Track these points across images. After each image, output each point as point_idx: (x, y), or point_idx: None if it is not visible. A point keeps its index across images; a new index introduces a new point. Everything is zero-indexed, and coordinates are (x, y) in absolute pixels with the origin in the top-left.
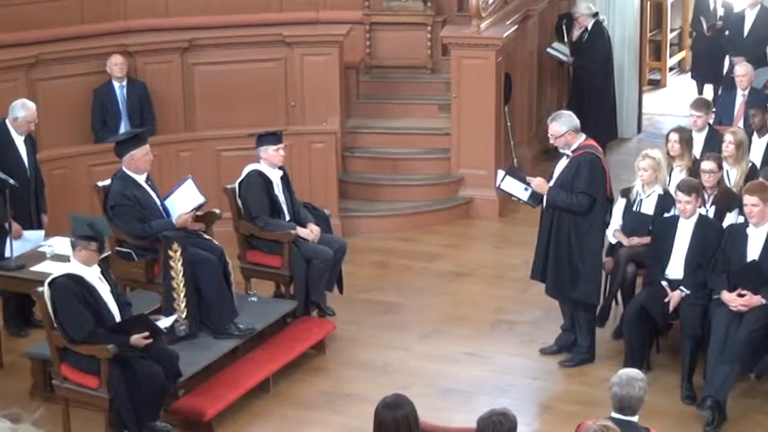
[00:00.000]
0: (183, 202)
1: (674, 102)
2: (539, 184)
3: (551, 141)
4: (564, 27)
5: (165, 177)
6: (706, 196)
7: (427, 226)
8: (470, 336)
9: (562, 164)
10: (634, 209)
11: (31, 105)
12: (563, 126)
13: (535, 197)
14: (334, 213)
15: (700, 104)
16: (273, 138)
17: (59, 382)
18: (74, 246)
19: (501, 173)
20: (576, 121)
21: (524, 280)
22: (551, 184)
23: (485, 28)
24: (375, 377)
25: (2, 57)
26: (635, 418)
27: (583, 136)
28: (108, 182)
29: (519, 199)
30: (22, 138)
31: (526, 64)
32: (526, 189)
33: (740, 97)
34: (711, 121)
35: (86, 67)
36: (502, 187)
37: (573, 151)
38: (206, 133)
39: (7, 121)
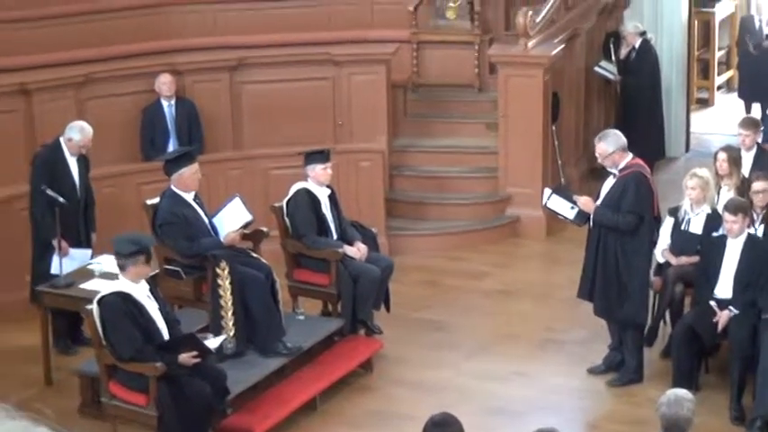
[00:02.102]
0: (231, 220)
1: (721, 120)
2: (585, 202)
3: (599, 161)
4: (611, 45)
5: (213, 196)
6: (755, 215)
7: (474, 245)
8: (518, 355)
9: (609, 183)
10: (682, 228)
11: (89, 131)
12: (610, 145)
13: (582, 216)
14: (381, 232)
15: (748, 123)
16: (321, 156)
17: (108, 399)
18: (123, 267)
19: (548, 191)
20: (624, 141)
21: (572, 299)
22: (598, 203)
23: (532, 46)
24: (422, 396)
25: (52, 75)
26: None
27: (630, 155)
28: (157, 200)
29: (565, 218)
30: (75, 158)
31: (574, 82)
32: (573, 208)
33: None
34: (760, 140)
35: (135, 85)
36: (548, 206)
37: (620, 170)
38: (254, 152)
39: (62, 139)
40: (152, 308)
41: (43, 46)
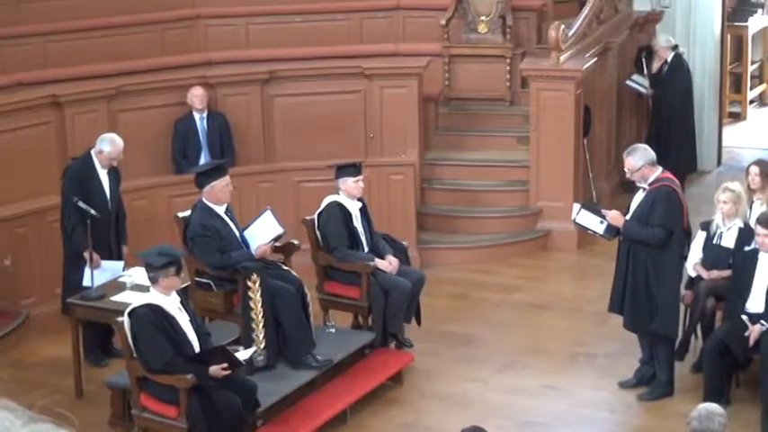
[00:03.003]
0: (262, 233)
1: (754, 134)
2: (614, 216)
3: (627, 175)
4: (643, 59)
5: (244, 208)
6: None
7: (505, 258)
8: (549, 368)
9: (639, 197)
10: (714, 242)
11: (119, 143)
12: (639, 160)
13: (611, 230)
14: (412, 245)
15: None
16: (352, 169)
17: (138, 411)
18: (154, 279)
19: (576, 206)
20: (652, 155)
21: (603, 312)
22: (628, 216)
23: (564, 60)
24: (453, 409)
25: (84, 88)
26: None
27: (659, 169)
28: (188, 213)
29: (594, 232)
30: (106, 170)
31: (605, 96)
32: (602, 222)
33: None
34: None
35: (167, 98)
36: (577, 221)
37: (650, 184)
38: (285, 164)
39: (93, 152)
40: (183, 320)
41: (75, 59)
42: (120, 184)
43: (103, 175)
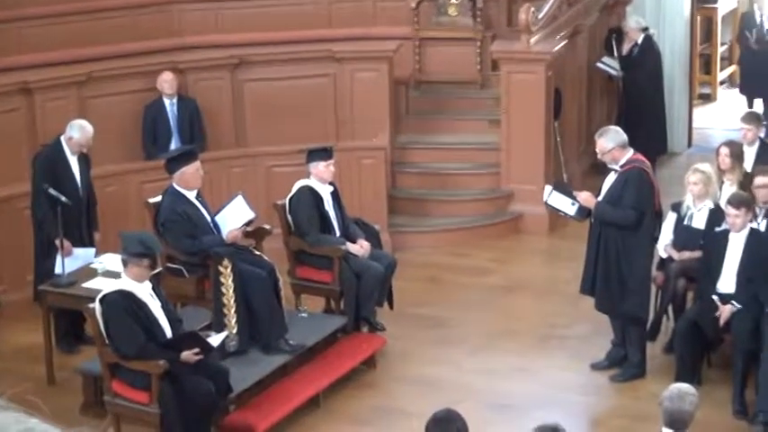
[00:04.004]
0: (234, 218)
1: (724, 115)
2: (586, 198)
3: (599, 157)
4: (614, 41)
5: (215, 193)
6: (758, 210)
7: (477, 241)
8: (521, 350)
9: (610, 179)
10: (685, 223)
11: (89, 130)
12: (609, 142)
13: (582, 212)
14: (383, 229)
15: (750, 118)
16: (323, 153)
17: (110, 397)
18: (125, 263)
19: (548, 188)
20: (624, 137)
21: (574, 294)
22: (599, 198)
23: (534, 43)
24: (425, 392)
25: (53, 74)
26: None
27: (631, 151)
28: (159, 198)
29: (566, 214)
30: (76, 156)
31: (576, 78)
32: (573, 204)
33: None
34: (762, 135)
35: (137, 84)
36: (549, 202)
37: (621, 166)
38: (256, 149)
39: (62, 138)
40: (154, 306)
41: (44, 45)
42: (91, 171)
43: (74, 162)
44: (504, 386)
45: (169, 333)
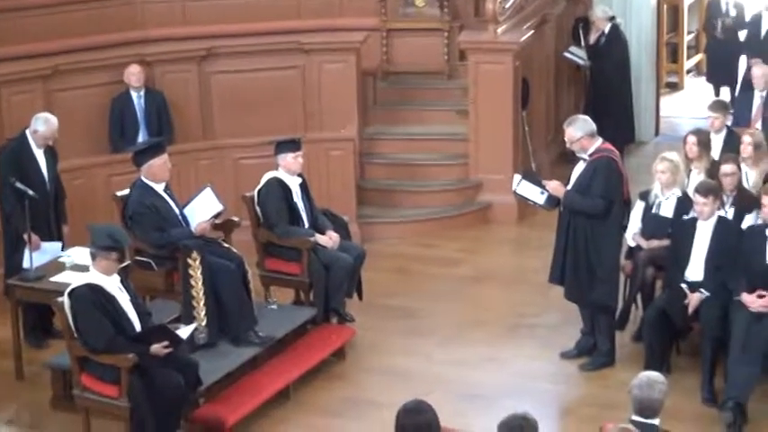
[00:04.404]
0: (202, 210)
1: (691, 104)
2: (555, 187)
3: (567, 146)
4: (581, 31)
5: (183, 186)
6: (725, 198)
7: (446, 231)
8: (490, 340)
9: (579, 168)
10: (653, 212)
11: (54, 122)
12: (578, 131)
13: (551, 201)
14: (352, 220)
15: (717, 106)
16: (292, 145)
17: (80, 392)
18: (94, 256)
19: (517, 177)
20: (592, 126)
21: (544, 284)
22: (569, 187)
23: (501, 33)
24: (395, 383)
25: (19, 68)
26: (656, 421)
27: (599, 140)
28: (127, 191)
29: (535, 203)
30: (42, 150)
31: (543, 68)
32: (542, 193)
33: (758, 98)
34: (729, 123)
35: (104, 77)
36: (518, 191)
37: (590, 155)
38: (224, 141)
39: (27, 132)
40: (123, 299)
41: (9, 38)
42: (58, 164)
43: (40, 155)
44: (473, 376)
45: (138, 326)
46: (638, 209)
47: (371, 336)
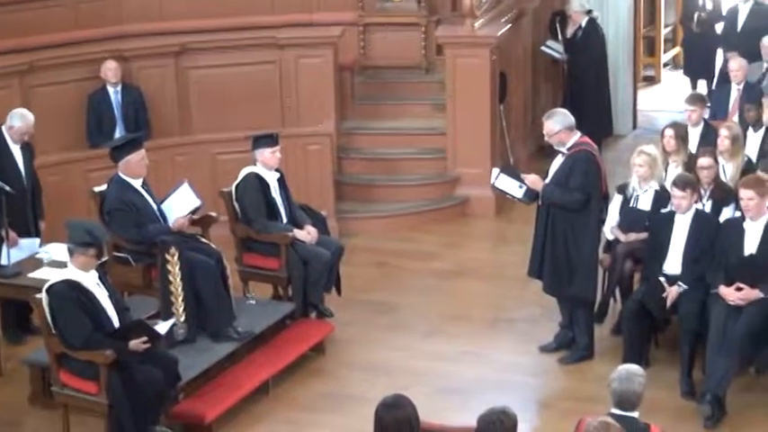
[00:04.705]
0: (180, 205)
1: (668, 97)
2: (533, 181)
3: (546, 139)
4: (558, 25)
5: (161, 182)
6: (703, 191)
7: (424, 226)
8: (469, 334)
9: (558, 161)
10: (630, 205)
11: (30, 118)
12: (557, 124)
13: (530, 194)
14: (330, 215)
15: (694, 99)
16: (269, 140)
17: (58, 388)
18: (71, 252)
19: (495, 171)
20: (571, 119)
21: (522, 278)
22: (547, 181)
23: (479, 27)
24: (375, 378)
25: None
26: (635, 414)
27: (578, 133)
28: (104, 187)
29: (513, 197)
30: (18, 145)
31: (521, 62)
32: (521, 187)
33: (735, 92)
34: (706, 116)
35: (80, 72)
36: (496, 185)
37: (568, 149)
38: (201, 137)
39: (3, 128)
40: (101, 295)
41: None
42: (34, 160)
43: (16, 151)
44: (452, 370)
45: (116, 322)
46: (615, 202)
47: (350, 330)
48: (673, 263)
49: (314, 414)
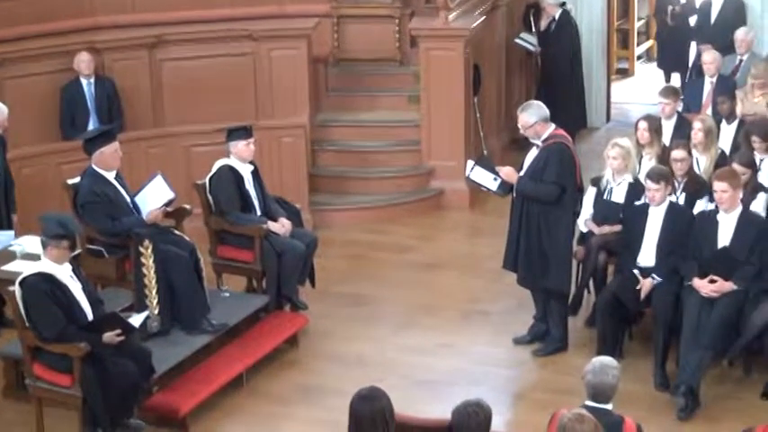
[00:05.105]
0: (153, 198)
1: (642, 90)
2: (508, 173)
3: (521, 132)
4: (531, 17)
5: (134, 174)
6: (677, 184)
7: (398, 218)
8: (444, 327)
9: (532, 154)
10: (604, 197)
11: (4, 110)
12: (532, 116)
13: (504, 187)
14: (304, 207)
15: (668, 92)
16: (243, 132)
17: (32, 381)
18: (45, 245)
19: (470, 163)
20: (546, 112)
21: (496, 270)
22: (521, 173)
23: (453, 19)
24: (349, 370)
25: None
26: (609, 406)
27: (552, 126)
28: (77, 179)
29: (488, 189)
30: None
31: (494, 55)
32: (495, 179)
33: (708, 84)
34: (680, 109)
35: (54, 64)
36: (471, 177)
37: (543, 141)
38: (175, 129)
39: None
40: (75, 288)
41: None
42: (7, 152)
43: None
44: (427, 362)
45: (90, 315)
46: (589, 195)
47: (324, 323)
48: (646, 255)
49: (288, 406)
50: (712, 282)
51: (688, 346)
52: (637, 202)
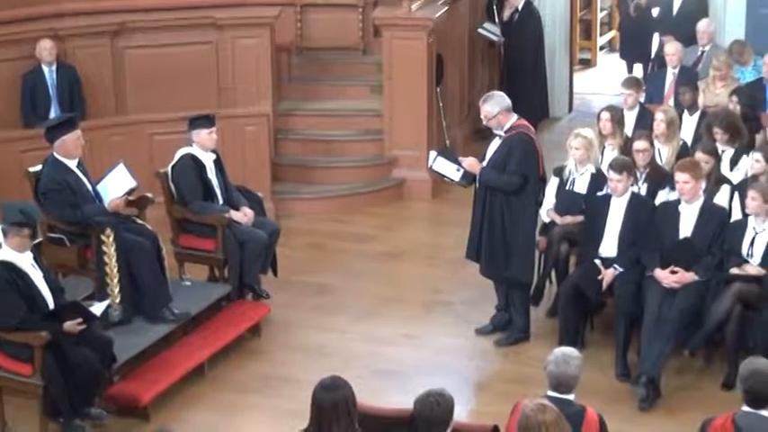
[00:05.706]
0: (115, 186)
1: (604, 81)
2: (471, 163)
3: (484, 122)
4: (494, 7)
5: (96, 162)
6: (638, 174)
7: (361, 207)
8: (406, 317)
9: (495, 144)
10: (567, 188)
11: None
12: (495, 107)
13: (467, 177)
14: (267, 196)
15: (630, 83)
16: (206, 121)
17: None
18: (5, 233)
19: (433, 154)
20: (508, 102)
21: (459, 260)
22: (484, 163)
23: (416, 9)
24: (311, 360)
25: None
26: (571, 396)
27: (515, 116)
28: (39, 167)
29: (451, 180)
30: None
31: (458, 45)
32: (458, 170)
33: (670, 75)
34: (642, 100)
35: (15, 51)
36: (434, 168)
37: (505, 131)
38: (137, 117)
39: None
40: (36, 276)
41: None
42: None
43: None
44: (389, 352)
45: (51, 303)
46: (552, 185)
47: (287, 312)
48: (608, 245)
49: (250, 396)
50: (674, 272)
51: (649, 337)
52: (599, 193)
